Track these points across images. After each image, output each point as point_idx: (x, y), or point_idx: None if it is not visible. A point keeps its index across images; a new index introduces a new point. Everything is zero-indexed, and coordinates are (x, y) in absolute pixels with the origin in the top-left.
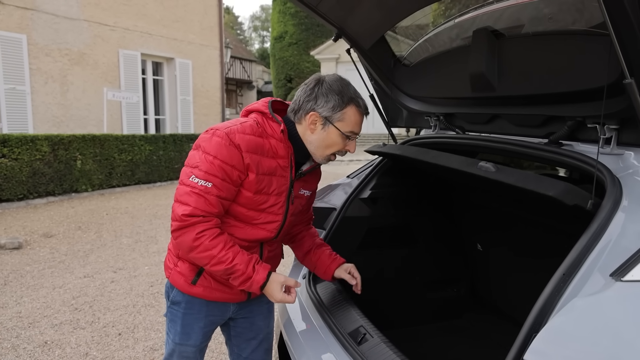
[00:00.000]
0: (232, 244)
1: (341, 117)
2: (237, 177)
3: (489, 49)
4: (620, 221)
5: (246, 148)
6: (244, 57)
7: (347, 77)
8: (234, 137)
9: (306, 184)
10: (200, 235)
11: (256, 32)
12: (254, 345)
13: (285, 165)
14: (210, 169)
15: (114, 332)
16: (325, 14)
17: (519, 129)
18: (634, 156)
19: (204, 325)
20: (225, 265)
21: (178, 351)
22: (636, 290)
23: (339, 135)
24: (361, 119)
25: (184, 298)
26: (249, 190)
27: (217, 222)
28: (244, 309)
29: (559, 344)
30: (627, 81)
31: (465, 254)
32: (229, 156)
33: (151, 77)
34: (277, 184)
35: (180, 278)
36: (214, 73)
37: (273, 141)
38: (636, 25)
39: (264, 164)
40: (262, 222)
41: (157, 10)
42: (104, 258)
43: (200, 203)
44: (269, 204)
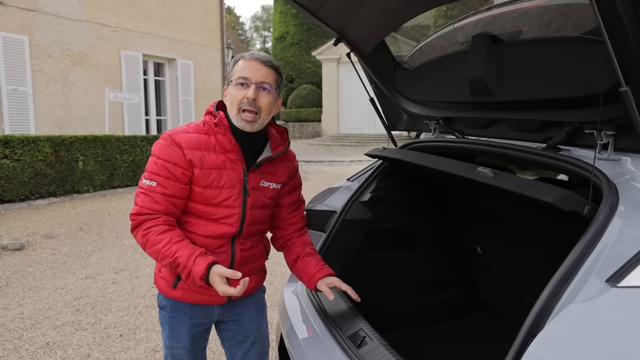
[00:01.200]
0: (179, 239)
1: (232, 73)
2: (181, 174)
3: (488, 54)
4: (616, 227)
5: (187, 145)
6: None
7: (348, 77)
8: (175, 137)
9: (270, 175)
10: (147, 232)
11: (257, 33)
12: (245, 348)
13: (234, 158)
14: (154, 168)
15: (115, 333)
16: (326, 18)
17: (517, 134)
18: (631, 162)
19: (189, 328)
20: (169, 259)
21: (171, 353)
22: (631, 296)
23: (233, 87)
24: (250, 64)
25: (168, 302)
26: (199, 186)
27: (166, 219)
28: (230, 312)
29: (555, 349)
30: (623, 89)
31: (466, 257)
32: (171, 155)
33: (153, 78)
34: (227, 177)
35: (163, 282)
36: (215, 74)
37: (219, 137)
38: (631, 34)
39: (209, 158)
40: (221, 217)
41: (159, 11)
42: (106, 259)
43: (146, 202)
44: (222, 197)
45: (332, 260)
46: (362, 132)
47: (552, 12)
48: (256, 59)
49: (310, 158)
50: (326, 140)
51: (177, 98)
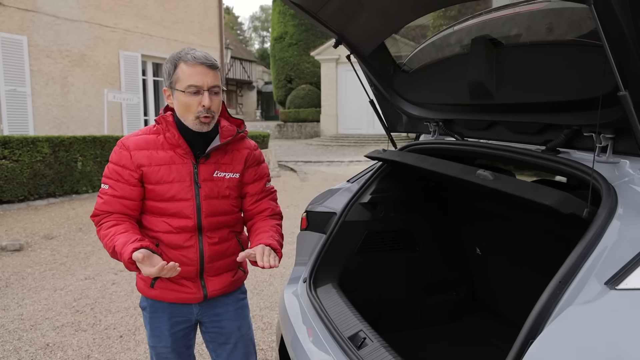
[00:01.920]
0: (123, 230)
1: (176, 78)
2: (128, 175)
3: (488, 57)
4: (615, 229)
5: (134, 147)
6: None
7: (347, 78)
8: (125, 141)
9: (225, 166)
10: (99, 228)
11: (256, 33)
12: (228, 349)
13: (181, 152)
14: (107, 172)
15: (115, 334)
16: (326, 21)
17: (516, 136)
18: (629, 164)
19: (170, 327)
20: (110, 249)
21: (155, 353)
22: (630, 298)
23: (182, 94)
24: (196, 70)
25: (147, 302)
26: (149, 183)
27: (117, 217)
28: (209, 311)
29: (555, 351)
30: (621, 94)
31: (465, 258)
32: (119, 158)
33: (152, 78)
34: (177, 171)
35: (141, 283)
36: None
37: (168, 135)
38: (629, 39)
39: (157, 156)
40: (177, 211)
41: (158, 12)
42: (105, 260)
43: (99, 204)
44: (173, 191)
45: (332, 261)
46: (360, 132)
47: (551, 16)
48: (201, 64)
49: (309, 158)
50: (325, 141)
51: None
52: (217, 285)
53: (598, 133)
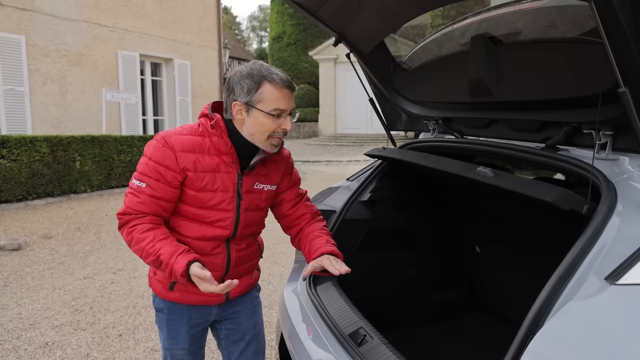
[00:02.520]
0: (164, 237)
1: (260, 98)
2: (171, 177)
3: (487, 55)
4: (615, 225)
5: (181, 148)
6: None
7: (345, 77)
8: (169, 139)
9: (264, 177)
10: (131, 230)
11: (254, 32)
12: (241, 346)
13: (229, 161)
14: (145, 169)
15: (114, 333)
16: (326, 19)
17: (516, 134)
18: (629, 161)
19: (188, 329)
20: (152, 256)
21: (170, 355)
22: (630, 293)
23: (265, 116)
24: (283, 94)
25: (165, 304)
26: (192, 189)
27: (152, 219)
28: (227, 311)
29: (555, 346)
30: (621, 90)
31: (464, 256)
32: (163, 157)
33: (150, 78)
34: (221, 180)
35: (159, 285)
36: (212, 74)
37: (215, 139)
38: (629, 36)
39: (203, 161)
40: (214, 220)
41: (156, 11)
42: (104, 259)
43: (133, 202)
44: (215, 200)
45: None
46: (359, 132)
47: (550, 14)
48: (288, 88)
49: (308, 158)
50: (323, 140)
51: (174, 98)
52: (238, 288)
53: (597, 130)
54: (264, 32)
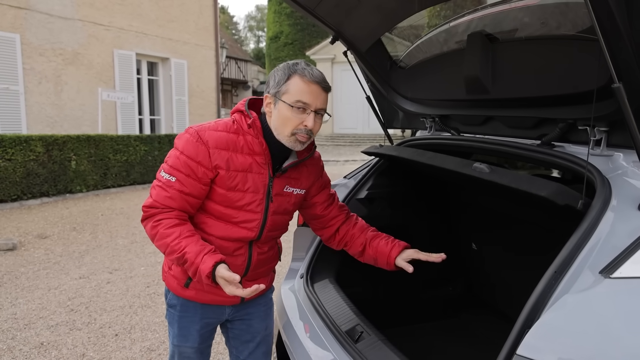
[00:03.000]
0: (190, 234)
1: (286, 90)
2: (202, 173)
3: (484, 53)
4: (609, 220)
5: (215, 145)
6: (239, 57)
7: (343, 77)
8: (203, 134)
9: (294, 181)
10: (157, 224)
11: (251, 32)
12: (251, 347)
13: (262, 162)
14: (176, 163)
15: (110, 332)
16: (323, 17)
17: (512, 131)
18: (623, 157)
19: (200, 328)
20: (177, 254)
21: (178, 352)
22: (624, 286)
23: (288, 108)
24: (310, 88)
25: (178, 301)
26: (222, 187)
27: (179, 214)
28: (240, 312)
29: (551, 339)
30: (616, 85)
31: (461, 253)
32: (195, 152)
33: (146, 77)
34: (252, 181)
35: (174, 281)
36: (209, 73)
37: (249, 138)
38: (624, 32)
39: (236, 160)
40: (241, 221)
41: (152, 10)
42: (100, 259)
43: (161, 196)
44: (245, 201)
45: (329, 257)
46: (356, 132)
47: (546, 11)
48: (317, 84)
49: None
50: (320, 140)
51: (170, 97)
52: None
53: (592, 126)
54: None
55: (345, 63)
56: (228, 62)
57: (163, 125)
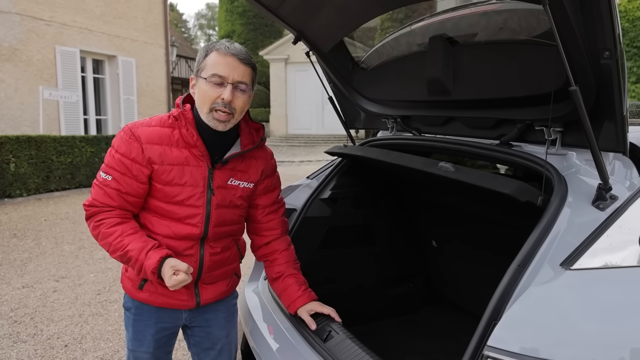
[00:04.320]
0: (133, 231)
1: (204, 66)
2: (137, 170)
3: (445, 55)
4: (566, 215)
5: (147, 140)
6: (189, 55)
7: (297, 78)
8: (135, 131)
9: (240, 173)
10: (99, 224)
11: (202, 31)
12: (212, 355)
13: (198, 154)
14: (111, 162)
15: (59, 344)
16: (286, 17)
17: (472, 131)
18: (576, 156)
19: (155, 332)
20: (120, 252)
21: (133, 357)
22: (584, 277)
23: (205, 83)
24: (225, 61)
25: (133, 304)
26: (159, 182)
27: (120, 213)
28: (198, 318)
29: (518, 330)
30: (573, 88)
31: (421, 251)
32: (129, 150)
33: (91, 76)
34: (190, 174)
35: (129, 283)
36: (159, 72)
37: (183, 131)
38: (579, 38)
39: (170, 154)
40: (184, 216)
41: (98, 6)
42: (45, 266)
43: (99, 195)
44: (184, 195)
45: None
46: (310, 132)
47: (505, 16)
48: (233, 55)
49: None
50: (275, 141)
51: (118, 97)
52: (211, 294)
53: (549, 127)
54: (212, 30)
55: (299, 64)
56: (178, 60)
57: (110, 126)
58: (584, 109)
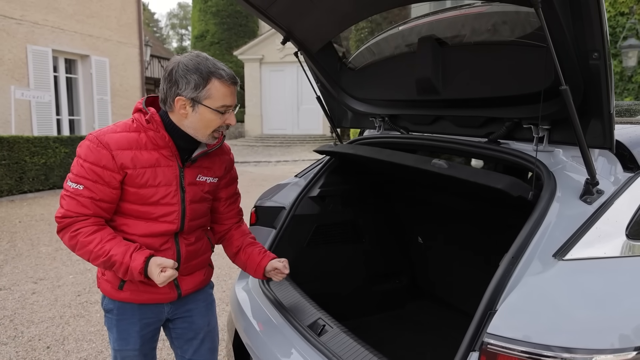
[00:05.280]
0: (111, 237)
1: (207, 95)
2: (109, 177)
3: (434, 56)
4: (556, 209)
5: (116, 146)
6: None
7: (271, 78)
8: (102, 138)
9: (206, 170)
10: (75, 234)
11: (174, 30)
12: (195, 345)
13: (168, 154)
14: (80, 171)
15: (41, 345)
16: (275, 17)
17: (460, 129)
18: (563, 153)
19: (140, 329)
20: (103, 258)
21: (120, 357)
22: (576, 266)
23: (212, 112)
24: (230, 90)
25: (114, 305)
26: (133, 186)
27: (95, 220)
28: (180, 309)
29: (515, 317)
30: (563, 88)
31: (407, 248)
32: (98, 158)
33: (64, 75)
34: (163, 174)
35: (108, 285)
36: (133, 72)
37: (151, 133)
38: (569, 40)
39: (141, 157)
40: (160, 215)
41: (70, 4)
42: (21, 268)
43: (72, 205)
44: (159, 195)
45: (283, 255)
46: (285, 132)
47: (493, 18)
48: (234, 84)
49: (236, 159)
50: (250, 141)
51: (91, 97)
52: (190, 284)
53: (537, 125)
54: (184, 30)
55: (274, 64)
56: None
57: (84, 126)
58: (573, 107)
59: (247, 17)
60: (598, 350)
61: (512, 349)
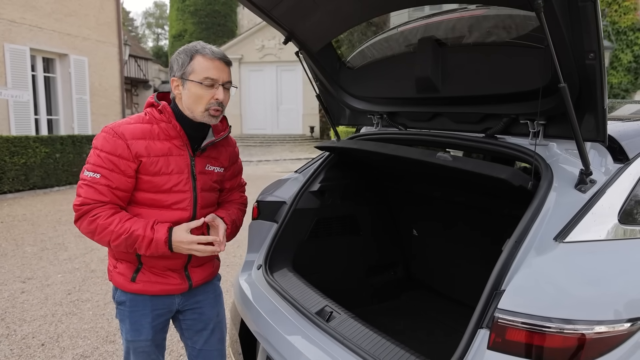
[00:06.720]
0: (130, 217)
1: (191, 69)
2: (125, 166)
3: (434, 56)
4: (553, 198)
5: (131, 136)
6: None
7: (251, 78)
8: (118, 129)
9: (214, 160)
10: (94, 218)
11: (150, 29)
12: (205, 335)
13: (180, 144)
14: (97, 161)
15: (35, 343)
16: (278, 18)
17: (458, 126)
18: (557, 146)
19: (151, 320)
20: (125, 235)
21: (133, 347)
22: (577, 248)
23: (197, 85)
24: (214, 64)
25: (127, 297)
26: (147, 174)
27: (113, 206)
28: (190, 300)
29: (522, 297)
30: (562, 85)
31: (402, 240)
32: (114, 147)
33: (42, 74)
34: (175, 163)
35: (120, 278)
36: (112, 71)
37: (163, 125)
38: (567, 40)
39: (154, 146)
40: (173, 203)
41: (48, 3)
42: (8, 268)
43: (90, 193)
44: (172, 183)
45: (285, 247)
46: (265, 132)
47: (491, 20)
48: (219, 59)
49: None
50: None
51: (70, 96)
52: (201, 275)
53: (534, 120)
54: (160, 29)
55: (253, 63)
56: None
57: (62, 126)
58: (571, 103)
59: (225, 17)
60: (595, 321)
61: (520, 322)
